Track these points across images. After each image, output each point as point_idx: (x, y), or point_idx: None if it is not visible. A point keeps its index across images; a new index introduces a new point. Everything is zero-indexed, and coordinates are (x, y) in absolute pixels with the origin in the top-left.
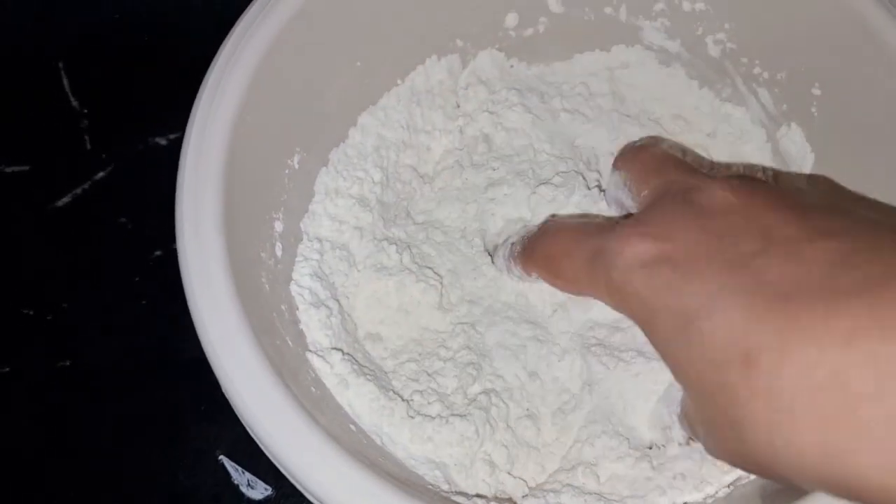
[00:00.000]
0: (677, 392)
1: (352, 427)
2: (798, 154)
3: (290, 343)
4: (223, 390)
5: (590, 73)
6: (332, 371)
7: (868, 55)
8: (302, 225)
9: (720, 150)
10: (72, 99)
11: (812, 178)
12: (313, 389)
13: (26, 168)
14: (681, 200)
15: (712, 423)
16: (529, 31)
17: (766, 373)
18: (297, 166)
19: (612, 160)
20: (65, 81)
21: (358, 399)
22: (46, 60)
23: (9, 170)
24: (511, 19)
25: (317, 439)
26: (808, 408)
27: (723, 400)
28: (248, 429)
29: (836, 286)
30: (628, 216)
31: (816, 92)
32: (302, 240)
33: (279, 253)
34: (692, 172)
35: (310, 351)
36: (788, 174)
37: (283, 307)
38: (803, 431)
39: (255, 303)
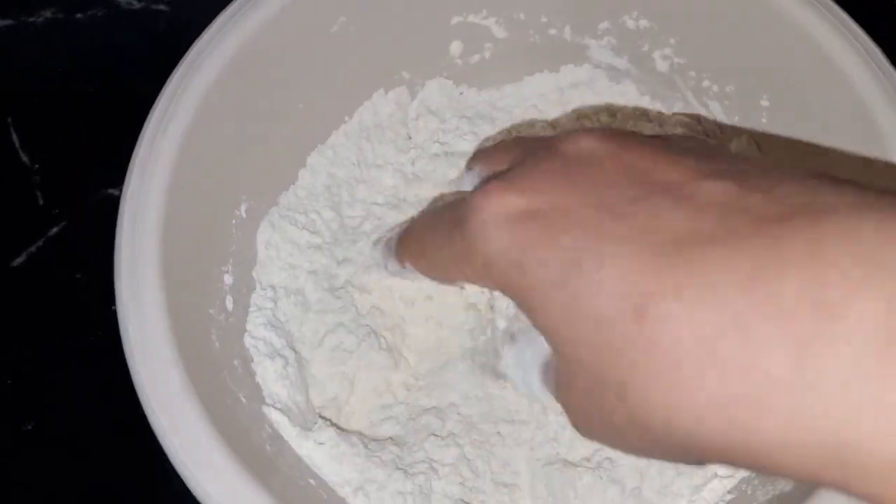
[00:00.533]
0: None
1: (311, 481)
2: None
3: (243, 400)
4: (169, 457)
5: (539, 94)
6: (289, 423)
7: (811, 66)
8: (254, 273)
9: None
10: (21, 154)
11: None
12: (268, 447)
13: None
14: (545, 155)
15: (592, 393)
16: (476, 58)
17: (660, 324)
18: (244, 215)
19: None
20: (14, 137)
21: (317, 450)
22: None
23: None
24: (455, 47)
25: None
26: (708, 357)
27: (609, 362)
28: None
29: (733, 227)
30: None
31: (765, 103)
32: (255, 289)
33: (230, 306)
34: (556, 137)
35: (266, 405)
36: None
37: (235, 363)
38: (703, 384)
39: (203, 364)
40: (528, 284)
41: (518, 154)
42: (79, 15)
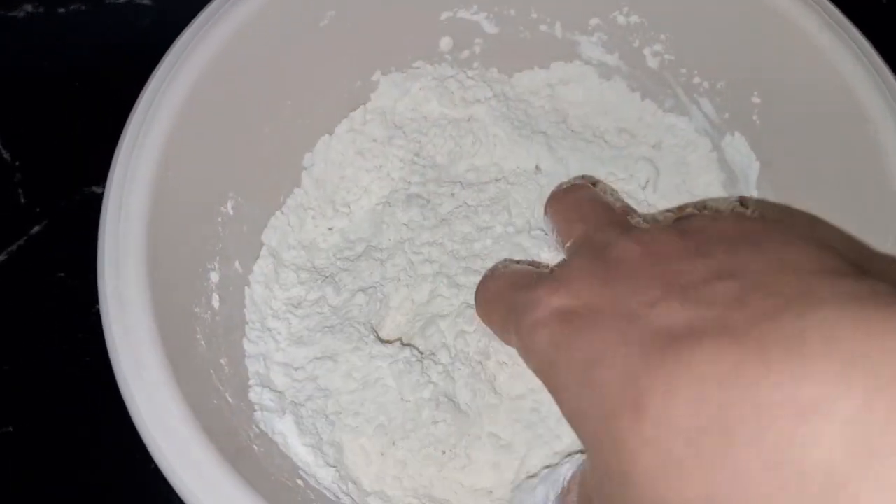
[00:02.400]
0: (559, 474)
1: (299, 482)
2: (743, 162)
3: (230, 399)
4: (154, 460)
5: (530, 91)
6: (280, 421)
7: (802, 62)
8: (251, 277)
9: (666, 161)
10: (3, 151)
11: (763, 204)
12: (256, 447)
13: None
14: (593, 257)
15: (603, 482)
16: (466, 54)
17: (653, 419)
18: (231, 212)
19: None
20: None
21: (306, 450)
22: None
23: None
24: (445, 43)
25: None
26: (693, 454)
27: (613, 453)
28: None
29: (727, 324)
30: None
31: (756, 100)
32: (249, 286)
33: (216, 305)
34: (612, 225)
35: (254, 405)
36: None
37: (222, 361)
38: (690, 480)
39: (189, 364)
40: (556, 379)
41: (579, 235)
42: (61, 10)
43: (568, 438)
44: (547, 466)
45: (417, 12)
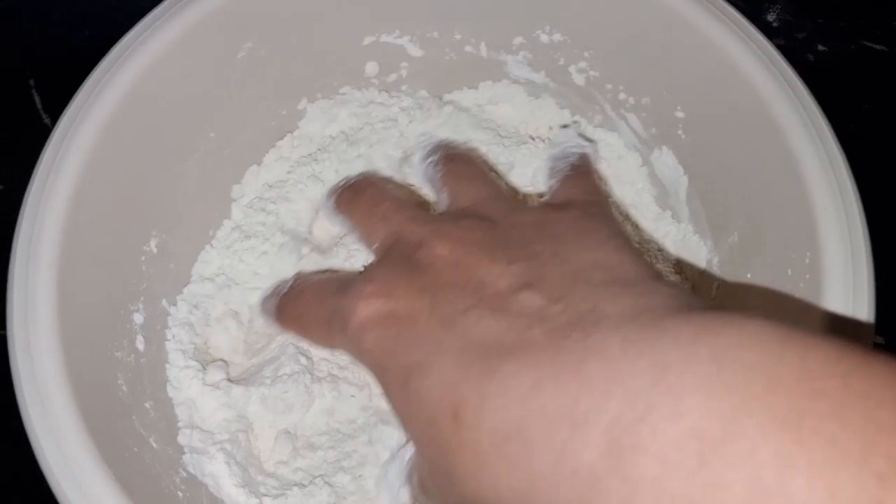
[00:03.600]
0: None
1: None
2: (672, 176)
3: (154, 444)
4: None
5: (461, 109)
6: (209, 462)
7: (719, 77)
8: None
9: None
10: (44, 116)
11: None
12: (181, 493)
13: (1, 187)
14: (403, 258)
15: (433, 473)
16: (393, 77)
17: (469, 426)
18: (155, 250)
19: None
20: (36, 99)
21: (235, 490)
22: (17, 79)
23: None
24: (371, 68)
25: None
26: (500, 457)
27: (438, 452)
28: None
29: (528, 339)
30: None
31: (680, 114)
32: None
33: (141, 347)
34: (415, 220)
35: (183, 447)
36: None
37: (147, 405)
38: (499, 479)
39: (106, 413)
40: (385, 382)
41: (385, 236)
42: None
43: None
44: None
45: (339, 39)
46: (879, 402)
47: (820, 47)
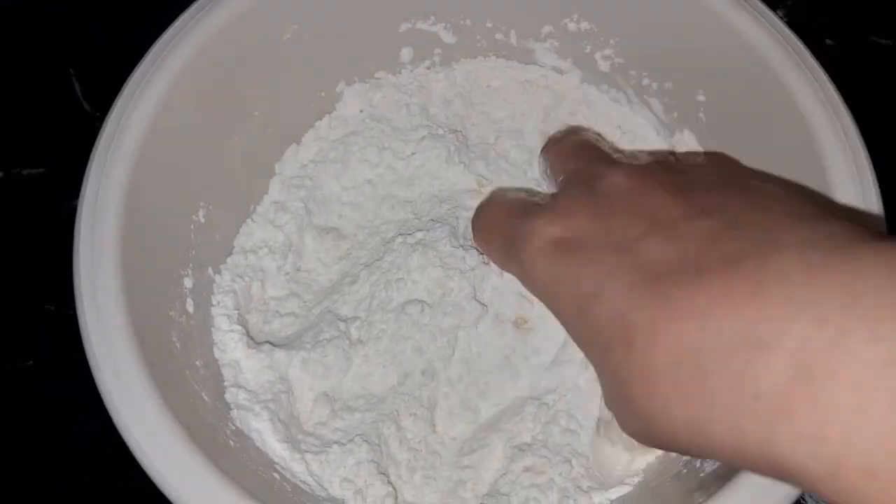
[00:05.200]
0: None
1: (275, 475)
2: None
3: (206, 398)
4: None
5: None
6: (254, 419)
7: (739, 62)
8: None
9: None
10: (84, 103)
11: (713, 156)
12: (232, 443)
13: (42, 170)
14: (583, 188)
15: (613, 399)
16: (426, 63)
17: (641, 352)
18: (203, 220)
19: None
20: (76, 86)
21: (279, 445)
22: (57, 67)
23: (25, 172)
24: (406, 54)
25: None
26: (672, 383)
27: (614, 378)
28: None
29: (701, 264)
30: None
31: (701, 98)
32: (215, 291)
33: (191, 309)
34: (600, 160)
35: (230, 404)
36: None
37: (197, 363)
38: (671, 406)
39: (165, 365)
40: (558, 309)
41: (570, 170)
42: None
43: None
44: None
45: (377, 25)
46: None
47: (828, 41)
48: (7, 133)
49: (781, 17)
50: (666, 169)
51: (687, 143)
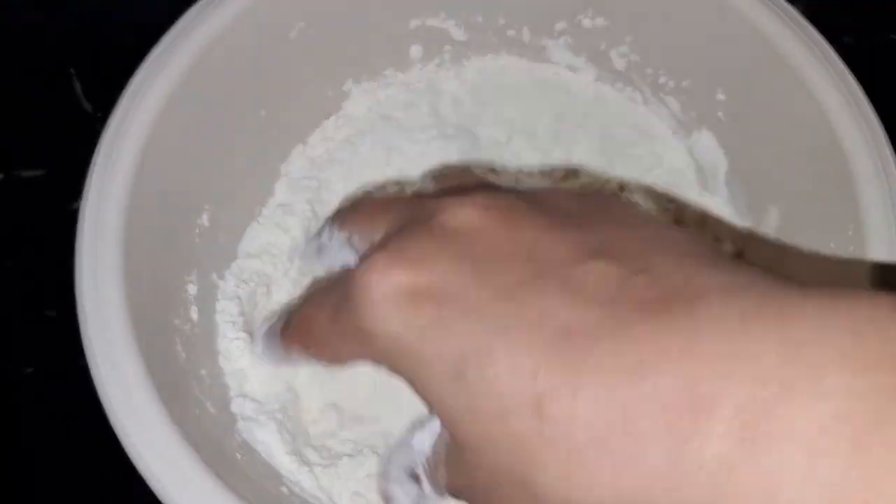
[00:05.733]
0: (420, 440)
1: (283, 489)
2: (711, 159)
3: (211, 409)
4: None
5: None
6: (260, 430)
7: (761, 61)
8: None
9: (640, 160)
10: (84, 103)
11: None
12: (239, 455)
13: (41, 172)
14: (427, 225)
15: (495, 480)
16: (436, 61)
17: (559, 420)
18: (207, 224)
19: None
20: (77, 86)
21: (287, 458)
22: (57, 66)
23: (24, 174)
24: (416, 51)
25: None
26: (603, 455)
27: (512, 454)
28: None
29: (619, 316)
30: None
31: (721, 97)
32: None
33: (195, 317)
34: (425, 199)
35: (236, 415)
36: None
37: (202, 372)
38: (596, 484)
39: (169, 375)
40: (426, 375)
41: (392, 220)
42: None
43: None
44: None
45: (386, 21)
46: None
47: (846, 39)
48: (6, 134)
49: None
50: (517, 197)
51: (705, 143)
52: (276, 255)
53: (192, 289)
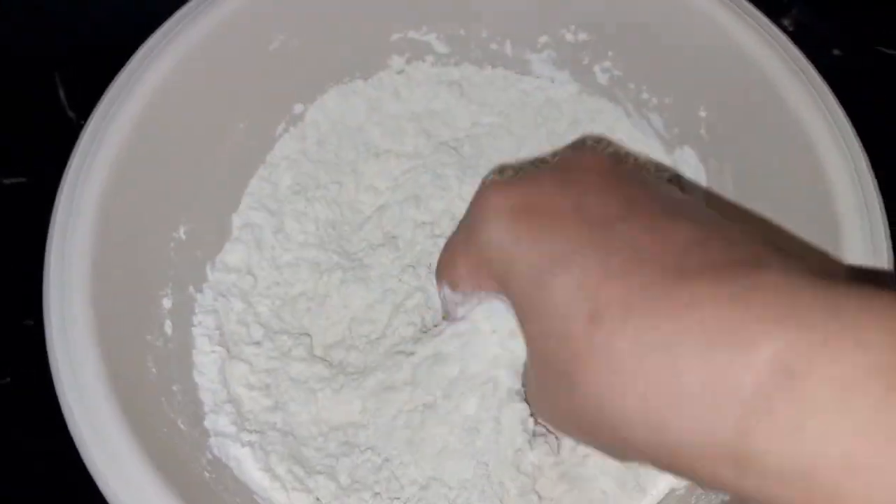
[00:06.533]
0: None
1: None
2: (693, 175)
3: (182, 426)
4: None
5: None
6: (233, 445)
7: (745, 77)
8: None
9: None
10: (68, 110)
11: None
12: (207, 474)
13: (23, 180)
14: (549, 166)
15: (548, 378)
16: (418, 73)
17: (607, 331)
18: (183, 237)
19: None
20: (61, 92)
21: (259, 474)
22: (42, 72)
23: (7, 181)
24: (397, 63)
25: None
26: (638, 370)
27: (564, 353)
28: None
29: (686, 264)
30: None
31: (702, 114)
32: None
33: (169, 331)
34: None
35: (209, 430)
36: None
37: (174, 388)
38: (629, 394)
39: (137, 392)
40: (512, 277)
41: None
42: None
43: None
44: None
45: (367, 33)
46: None
47: (835, 52)
48: None
49: (787, 27)
50: (632, 167)
51: (687, 160)
52: (255, 269)
53: (166, 303)
